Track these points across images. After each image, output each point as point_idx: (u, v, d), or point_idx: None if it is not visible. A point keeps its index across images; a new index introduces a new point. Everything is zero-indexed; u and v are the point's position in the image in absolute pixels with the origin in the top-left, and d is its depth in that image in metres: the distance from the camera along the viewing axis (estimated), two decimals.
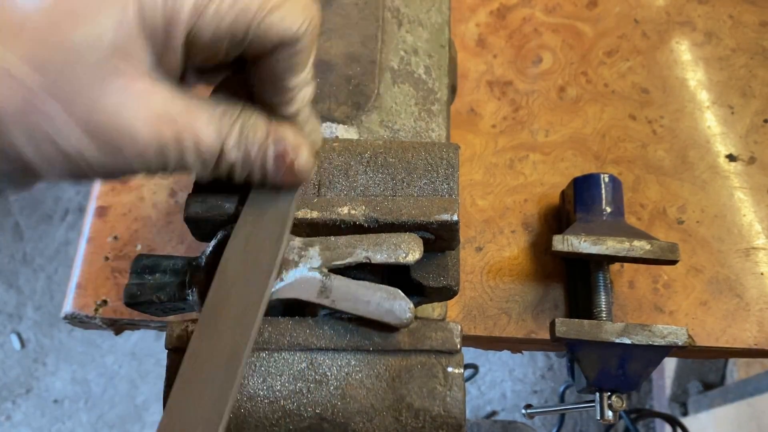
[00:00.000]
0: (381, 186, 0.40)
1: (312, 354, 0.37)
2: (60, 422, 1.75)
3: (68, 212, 1.99)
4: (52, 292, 1.90)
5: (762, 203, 0.66)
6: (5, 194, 0.31)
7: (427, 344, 0.37)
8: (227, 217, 0.39)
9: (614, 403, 0.55)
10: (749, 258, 0.64)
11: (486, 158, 0.69)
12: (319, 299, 0.36)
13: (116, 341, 1.81)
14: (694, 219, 0.66)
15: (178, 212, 0.68)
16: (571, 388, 1.37)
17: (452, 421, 0.36)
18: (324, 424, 0.36)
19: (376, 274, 0.41)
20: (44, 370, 1.82)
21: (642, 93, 0.73)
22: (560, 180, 0.67)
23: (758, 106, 0.72)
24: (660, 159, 0.69)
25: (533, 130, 0.71)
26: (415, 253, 0.37)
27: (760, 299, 0.62)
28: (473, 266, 0.63)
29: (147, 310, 0.41)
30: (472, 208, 0.66)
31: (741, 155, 0.69)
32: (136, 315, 0.63)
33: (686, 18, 0.77)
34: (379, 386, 0.36)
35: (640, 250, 0.55)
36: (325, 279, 0.36)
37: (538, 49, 0.76)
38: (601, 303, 0.57)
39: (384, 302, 0.36)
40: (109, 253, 0.67)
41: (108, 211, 0.69)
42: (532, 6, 0.79)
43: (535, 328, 0.61)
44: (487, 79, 0.74)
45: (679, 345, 0.53)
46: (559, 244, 0.55)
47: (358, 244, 0.38)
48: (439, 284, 0.40)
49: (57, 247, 1.95)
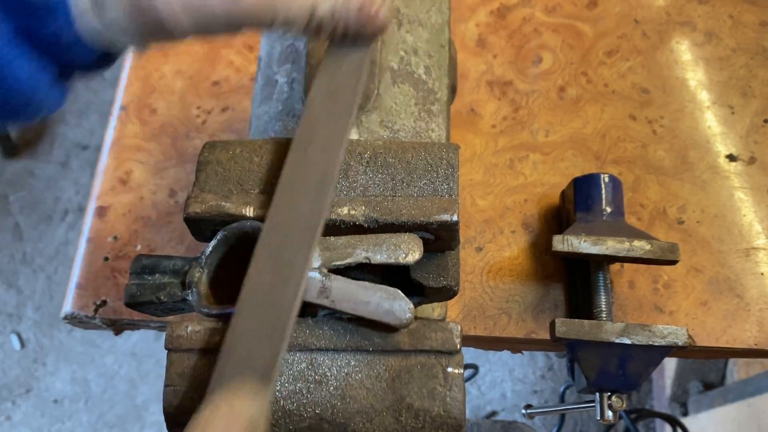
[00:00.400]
0: (381, 186, 0.40)
1: (312, 354, 0.37)
2: (60, 422, 1.75)
3: (68, 212, 1.99)
4: (52, 292, 1.90)
5: (762, 203, 0.66)
6: (143, 49, 0.36)
7: (427, 344, 0.37)
8: (227, 217, 0.39)
9: (614, 403, 0.55)
10: (749, 258, 0.64)
11: (486, 158, 0.69)
12: (319, 299, 0.36)
13: (116, 341, 1.81)
14: (695, 219, 0.66)
15: (178, 212, 0.68)
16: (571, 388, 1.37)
17: (452, 421, 0.36)
18: (324, 425, 0.36)
19: (376, 274, 0.41)
20: (44, 370, 1.82)
21: (642, 93, 0.73)
22: (560, 180, 0.67)
23: (758, 106, 0.72)
24: (660, 159, 0.69)
25: (533, 130, 0.71)
26: (415, 254, 0.37)
27: (760, 299, 0.62)
28: (473, 266, 0.63)
29: (147, 310, 0.41)
30: (472, 208, 0.66)
31: (741, 155, 0.69)
32: (136, 315, 0.63)
33: (686, 18, 0.77)
34: (378, 386, 0.36)
35: (640, 250, 0.55)
36: (324, 279, 0.36)
37: (538, 49, 0.76)
38: (601, 303, 0.57)
39: (384, 302, 0.36)
40: (108, 253, 0.67)
41: (108, 211, 0.69)
42: (532, 6, 0.79)
43: (535, 328, 0.61)
44: (487, 79, 0.74)
45: (679, 345, 0.53)
46: (559, 244, 0.55)
47: (357, 244, 0.38)
48: (439, 284, 0.40)
49: (57, 247, 1.95)
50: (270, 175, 0.41)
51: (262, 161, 0.41)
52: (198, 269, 0.38)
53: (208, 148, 0.42)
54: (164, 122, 0.74)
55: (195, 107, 0.75)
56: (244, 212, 0.39)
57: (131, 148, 0.73)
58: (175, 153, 0.72)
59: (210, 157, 0.42)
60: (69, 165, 2.05)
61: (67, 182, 2.03)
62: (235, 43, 0.79)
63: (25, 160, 2.05)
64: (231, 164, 0.41)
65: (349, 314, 0.36)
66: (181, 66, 0.78)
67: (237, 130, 0.73)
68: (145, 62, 0.78)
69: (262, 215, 0.39)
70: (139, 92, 0.77)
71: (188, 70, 0.77)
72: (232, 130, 0.74)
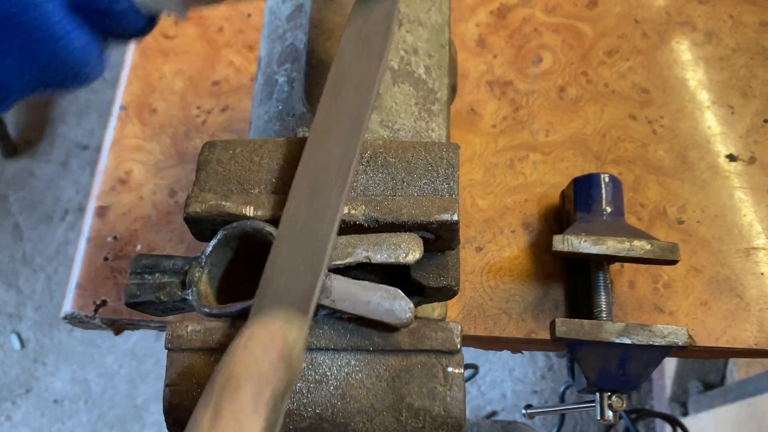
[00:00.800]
0: (381, 186, 0.40)
1: (312, 354, 0.37)
2: (60, 422, 1.75)
3: (68, 212, 1.99)
4: (52, 292, 1.90)
5: (762, 203, 0.66)
6: (184, 15, 0.38)
7: (428, 344, 0.37)
8: (227, 217, 0.39)
9: (614, 403, 0.55)
10: (749, 258, 0.64)
11: (486, 158, 0.69)
12: (319, 299, 0.36)
13: (116, 341, 1.81)
14: (695, 219, 0.66)
15: (178, 212, 0.68)
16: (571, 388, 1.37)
17: (452, 421, 0.36)
18: (324, 424, 0.36)
19: (376, 274, 0.41)
20: (44, 370, 1.82)
21: (642, 93, 0.73)
22: (560, 180, 0.67)
23: (758, 106, 0.72)
24: (660, 159, 0.69)
25: (533, 130, 0.71)
26: (415, 253, 0.37)
27: (760, 299, 0.62)
28: (473, 266, 0.63)
29: (147, 310, 0.41)
30: (472, 208, 0.66)
31: (741, 155, 0.69)
32: (136, 315, 0.63)
33: (686, 18, 0.77)
34: (379, 386, 0.36)
35: (641, 250, 0.55)
36: (325, 279, 0.36)
37: (538, 49, 0.76)
38: (601, 303, 0.57)
39: (384, 302, 0.36)
40: (108, 253, 0.67)
41: (108, 211, 0.69)
42: (532, 6, 0.79)
43: (535, 328, 0.61)
44: (487, 79, 0.74)
45: (679, 345, 0.53)
46: (559, 244, 0.55)
47: (358, 243, 0.38)
48: (440, 284, 0.40)
49: (57, 247, 1.95)
50: (270, 175, 0.41)
51: (263, 161, 0.41)
52: (198, 269, 0.38)
53: (208, 148, 0.42)
54: (164, 122, 0.74)
55: (195, 107, 0.75)
56: (244, 212, 0.39)
57: (131, 148, 0.73)
58: (175, 153, 0.72)
59: (210, 157, 0.42)
60: (69, 165, 2.05)
61: (67, 182, 2.03)
62: (235, 43, 0.79)
63: (25, 160, 2.05)
64: (231, 164, 0.41)
65: (350, 314, 0.36)
66: (181, 66, 0.78)
67: (237, 130, 0.74)
68: (145, 62, 0.78)
69: (262, 215, 0.39)
70: (139, 92, 0.77)
71: (188, 70, 0.77)
72: (232, 130, 0.74)
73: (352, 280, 0.37)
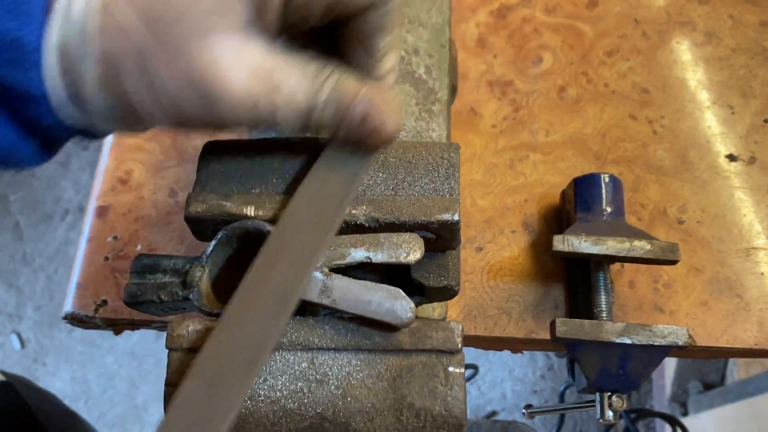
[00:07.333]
0: (382, 186, 0.40)
1: (313, 353, 0.37)
2: None
3: (68, 212, 1.99)
4: (52, 292, 1.90)
5: (762, 203, 0.66)
6: (122, 132, 0.36)
7: (428, 344, 0.37)
8: (228, 217, 0.39)
9: (614, 403, 0.55)
10: (749, 258, 0.64)
11: (486, 158, 0.69)
12: (320, 299, 0.36)
13: (116, 341, 1.81)
14: (695, 219, 0.66)
15: (178, 212, 0.68)
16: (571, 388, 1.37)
17: (453, 420, 0.36)
18: (325, 424, 0.36)
19: (377, 273, 0.41)
20: (44, 370, 1.82)
21: (642, 93, 0.73)
22: (560, 180, 0.67)
23: (758, 106, 0.72)
24: (660, 159, 0.69)
25: (533, 130, 0.71)
26: (416, 253, 0.37)
27: (760, 299, 0.62)
28: (473, 266, 0.63)
29: (147, 310, 0.41)
30: (473, 208, 0.66)
31: (741, 155, 0.69)
32: (136, 315, 0.63)
33: (686, 18, 0.77)
34: (380, 386, 0.36)
35: (641, 250, 0.55)
36: (325, 279, 0.36)
37: (538, 49, 0.76)
38: (601, 303, 0.57)
39: (385, 302, 0.36)
40: (109, 253, 0.67)
41: (108, 211, 0.69)
42: (532, 6, 0.79)
43: (535, 328, 0.61)
44: (488, 79, 0.74)
45: (679, 345, 0.53)
46: (559, 244, 0.55)
47: (358, 243, 0.38)
48: (440, 284, 0.40)
49: (57, 247, 1.95)
50: (271, 175, 0.41)
51: (263, 161, 0.41)
52: (199, 268, 0.39)
53: (209, 148, 0.42)
54: None
55: None
56: (244, 211, 0.39)
57: (131, 148, 0.73)
58: (175, 153, 0.72)
59: (211, 157, 0.42)
60: (69, 165, 2.05)
61: (67, 182, 2.03)
62: None
63: None
64: (232, 164, 0.41)
65: (350, 314, 0.36)
66: None
67: None
68: None
69: (262, 215, 0.39)
70: None
71: None
72: None
73: (353, 279, 0.37)
